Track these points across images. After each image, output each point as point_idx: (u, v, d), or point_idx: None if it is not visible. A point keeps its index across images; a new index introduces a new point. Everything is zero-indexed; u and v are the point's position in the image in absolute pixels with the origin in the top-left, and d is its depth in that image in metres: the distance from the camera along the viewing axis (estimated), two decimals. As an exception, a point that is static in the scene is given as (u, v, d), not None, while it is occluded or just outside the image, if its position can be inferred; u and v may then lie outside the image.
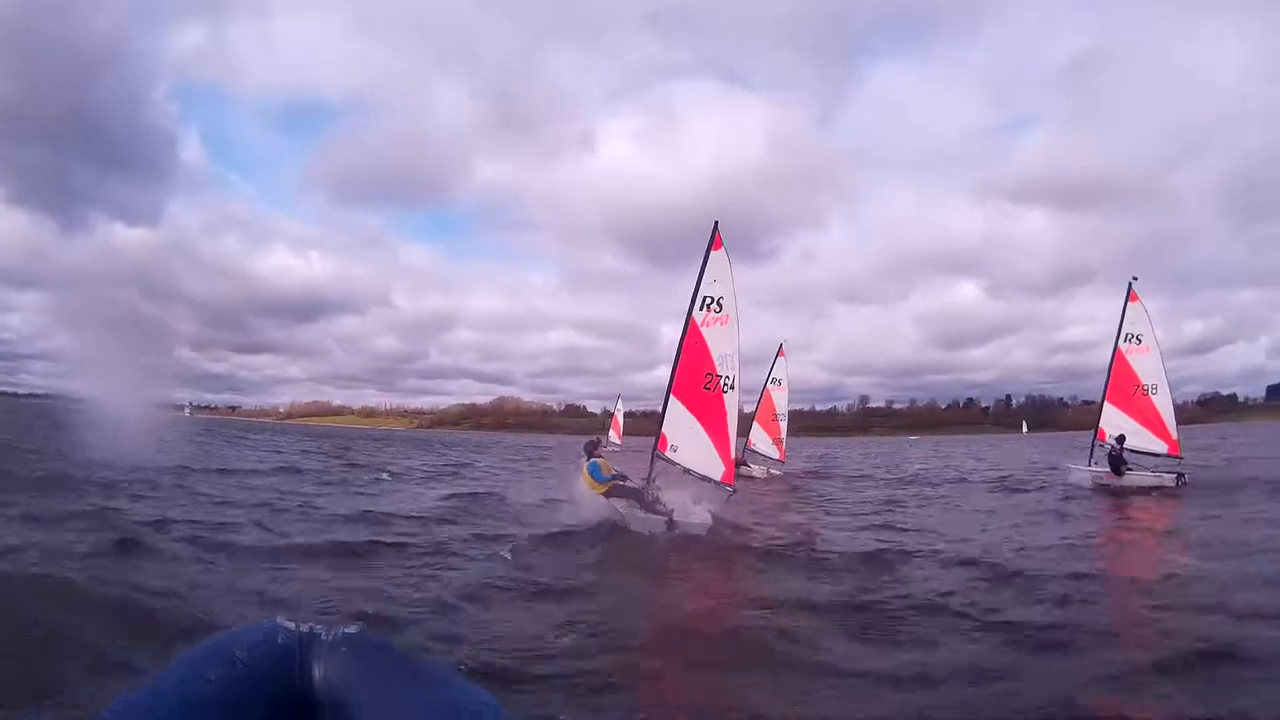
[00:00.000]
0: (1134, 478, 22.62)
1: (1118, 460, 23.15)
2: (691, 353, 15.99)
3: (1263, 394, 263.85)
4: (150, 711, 1.38)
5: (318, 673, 1.55)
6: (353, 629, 1.67)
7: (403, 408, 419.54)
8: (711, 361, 15.87)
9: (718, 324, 15.95)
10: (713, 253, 16.22)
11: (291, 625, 1.63)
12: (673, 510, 14.57)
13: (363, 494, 20.68)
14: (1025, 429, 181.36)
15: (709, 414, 15.87)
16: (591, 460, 15.62)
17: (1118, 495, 21.33)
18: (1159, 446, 23.88)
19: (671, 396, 16.10)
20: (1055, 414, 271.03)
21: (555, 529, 14.32)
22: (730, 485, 15.96)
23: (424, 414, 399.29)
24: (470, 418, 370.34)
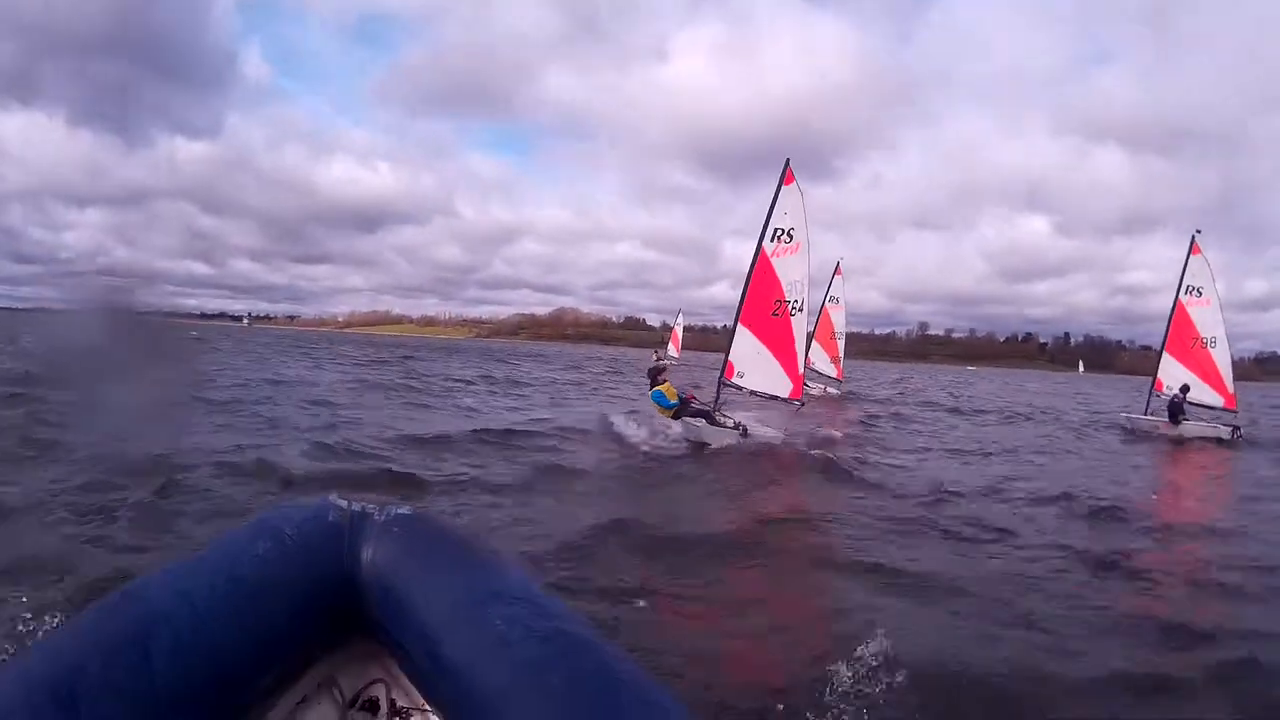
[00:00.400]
0: (1190, 427, 22.65)
1: (1177, 409, 23.09)
2: (760, 282, 16.35)
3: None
4: (196, 582, 1.46)
5: (366, 553, 1.60)
6: (405, 509, 1.71)
7: (461, 317, 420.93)
8: (781, 289, 16.26)
9: (788, 253, 16.31)
10: (784, 187, 16.43)
11: (344, 504, 1.68)
12: (743, 424, 14.95)
13: (434, 410, 19.55)
14: (1081, 368, 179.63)
15: (777, 339, 16.33)
16: (655, 389, 15.80)
17: (1176, 443, 21.54)
18: (1215, 400, 23.73)
19: (739, 325, 16.50)
20: (1112, 356, 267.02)
21: (631, 448, 14.28)
22: (798, 400, 16.45)
23: (483, 324, 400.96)
24: (528, 328, 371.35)
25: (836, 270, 36.56)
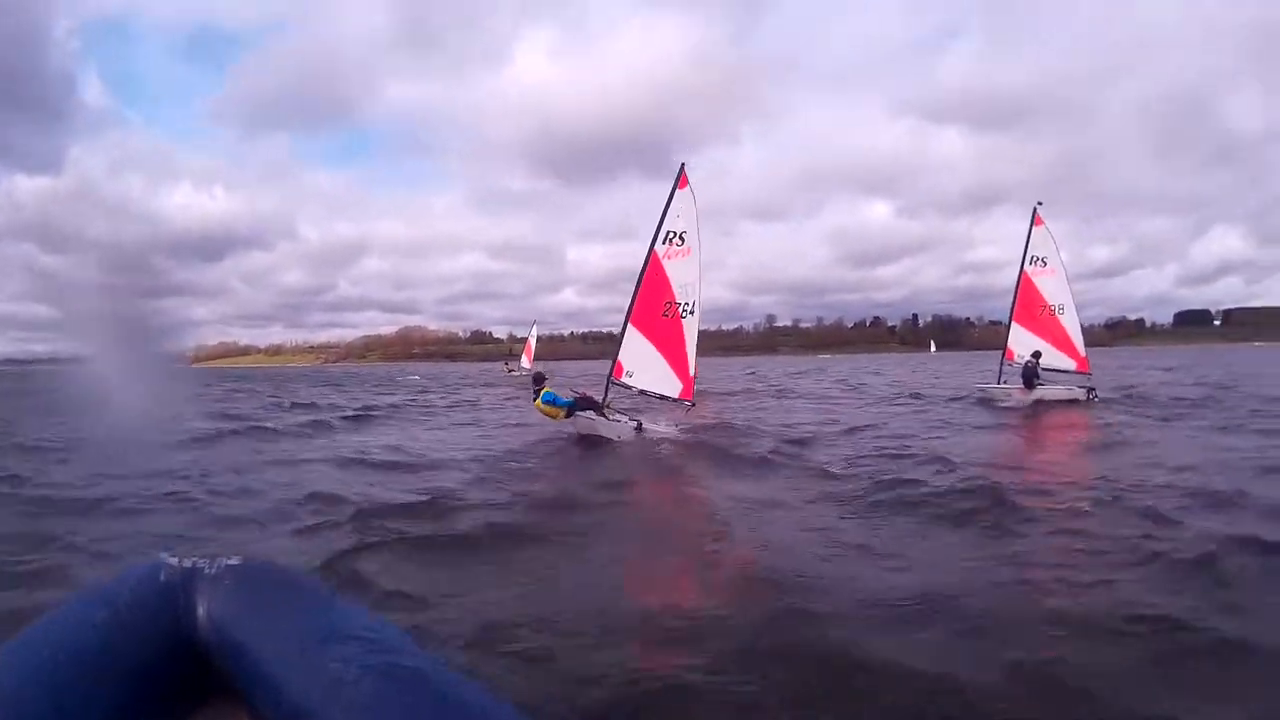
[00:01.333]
0: (1045, 391, 23.88)
1: (1031, 374, 24.20)
2: (651, 284, 16.82)
3: (1169, 320, 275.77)
4: (37, 660, 1.36)
5: (201, 608, 1.52)
6: (235, 560, 1.62)
7: (309, 343, 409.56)
8: (671, 291, 16.77)
9: (680, 256, 16.82)
10: (678, 191, 16.95)
11: (174, 561, 1.56)
12: (638, 420, 15.40)
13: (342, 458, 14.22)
14: (934, 348, 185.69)
15: (667, 339, 16.85)
16: (546, 391, 16.44)
17: (1034, 406, 22.76)
18: (1068, 364, 25.19)
19: (629, 325, 16.92)
20: (962, 333, 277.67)
21: (547, 461, 13.83)
22: (689, 400, 16.96)
23: (330, 348, 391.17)
24: (376, 349, 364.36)
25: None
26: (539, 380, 16.98)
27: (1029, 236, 26.14)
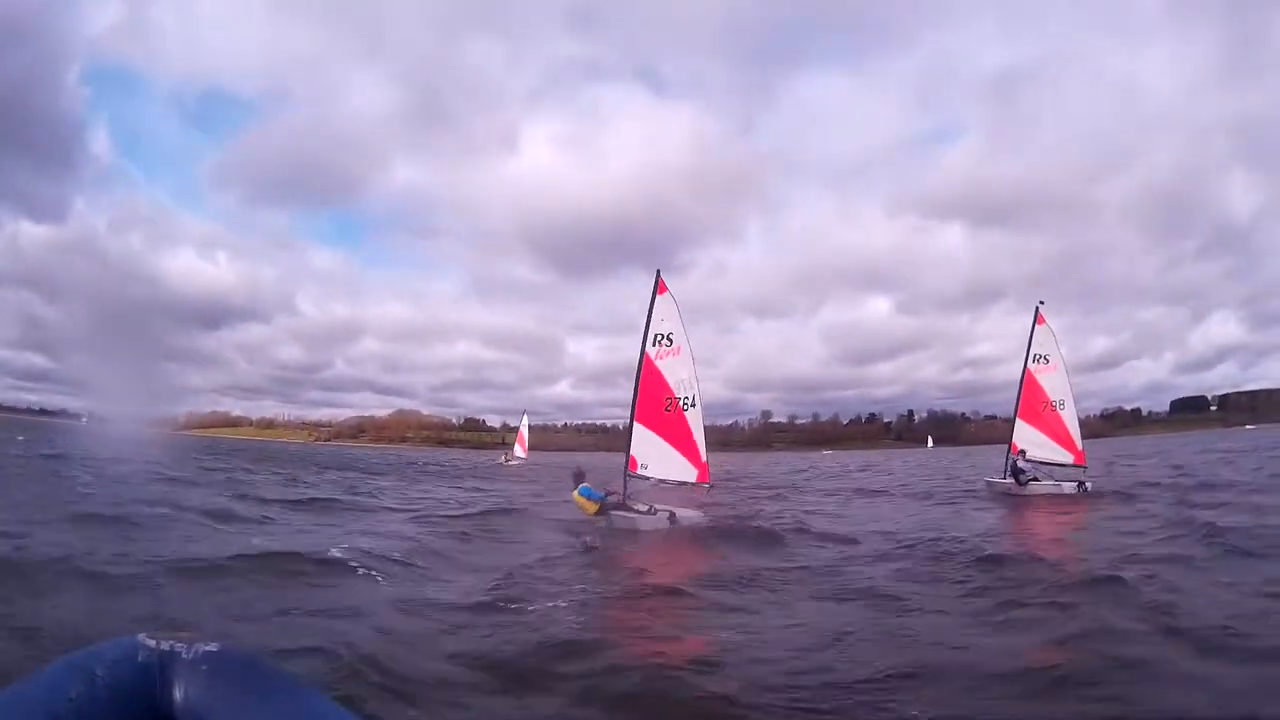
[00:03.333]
0: (1036, 486, 24.48)
1: (1017, 471, 25.04)
2: (649, 383, 17.87)
3: (1166, 408, 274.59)
4: None
5: (178, 692, 1.56)
6: (214, 646, 1.67)
7: (301, 420, 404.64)
8: (669, 388, 17.77)
9: (670, 355, 17.87)
10: (658, 297, 18.14)
11: (152, 643, 1.63)
12: (671, 510, 16.08)
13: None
14: (930, 443, 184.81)
15: (673, 431, 17.73)
16: (583, 485, 17.21)
17: (1026, 500, 23.27)
18: (1066, 458, 25.87)
19: (635, 423, 17.87)
20: (958, 428, 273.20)
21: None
22: (706, 483, 17.84)
23: (322, 427, 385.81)
24: (368, 431, 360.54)
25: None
26: (579, 477, 17.61)
27: (1031, 334, 26.96)
